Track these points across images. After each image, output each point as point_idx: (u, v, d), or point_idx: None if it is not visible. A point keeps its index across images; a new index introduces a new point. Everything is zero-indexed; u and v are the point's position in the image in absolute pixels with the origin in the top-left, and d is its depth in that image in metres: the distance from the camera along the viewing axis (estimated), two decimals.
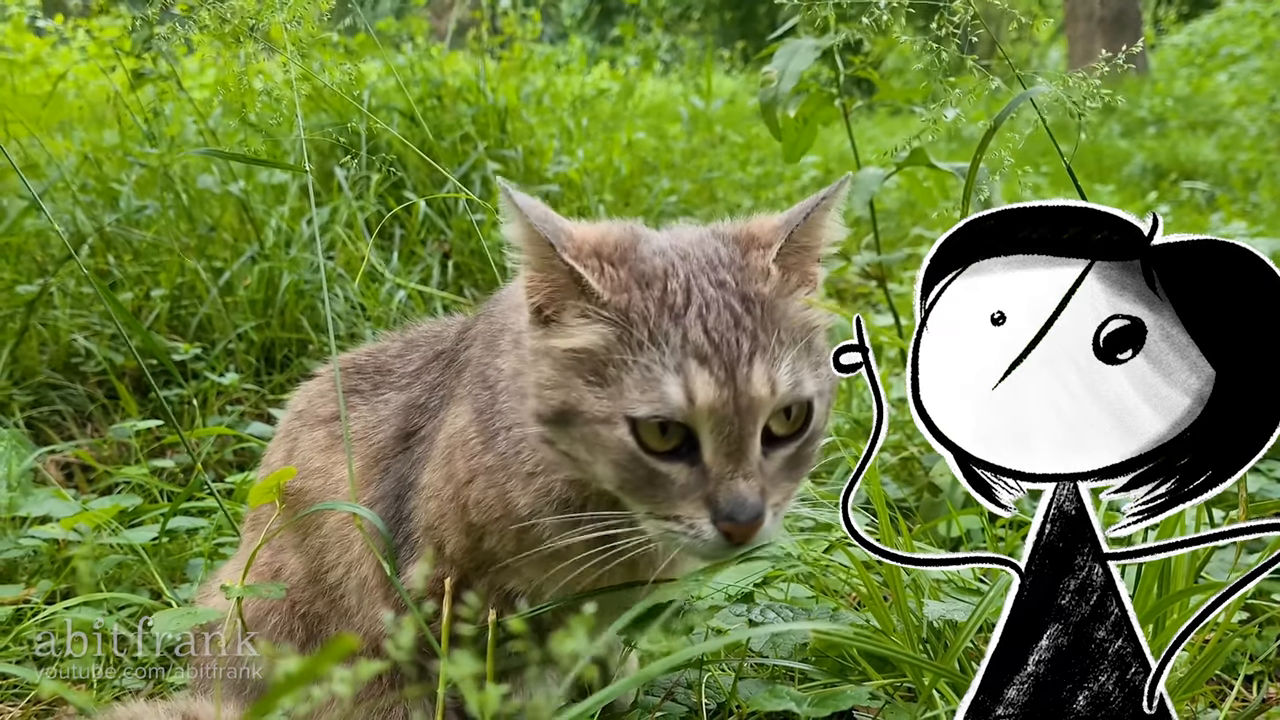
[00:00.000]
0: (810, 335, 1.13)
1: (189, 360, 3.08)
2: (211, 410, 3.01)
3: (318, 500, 1.40)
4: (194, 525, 2.22)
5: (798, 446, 1.11)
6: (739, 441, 1.07)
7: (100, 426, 3.05)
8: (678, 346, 1.06)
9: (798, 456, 1.12)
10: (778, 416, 1.09)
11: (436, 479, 1.30)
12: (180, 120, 4.52)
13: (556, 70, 7.49)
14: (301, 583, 1.42)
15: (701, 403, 1.05)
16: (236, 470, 2.72)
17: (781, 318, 1.11)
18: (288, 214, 3.73)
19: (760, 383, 1.06)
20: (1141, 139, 9.49)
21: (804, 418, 1.11)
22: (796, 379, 1.08)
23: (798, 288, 1.14)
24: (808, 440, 1.12)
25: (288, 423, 1.54)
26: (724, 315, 1.08)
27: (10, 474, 2.22)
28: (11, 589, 2.00)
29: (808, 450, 1.13)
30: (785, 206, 4.25)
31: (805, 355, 1.11)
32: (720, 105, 7.72)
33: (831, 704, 1.13)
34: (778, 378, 1.07)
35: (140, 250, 3.51)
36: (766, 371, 1.07)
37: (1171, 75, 12.79)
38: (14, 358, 3.05)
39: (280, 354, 3.36)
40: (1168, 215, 5.75)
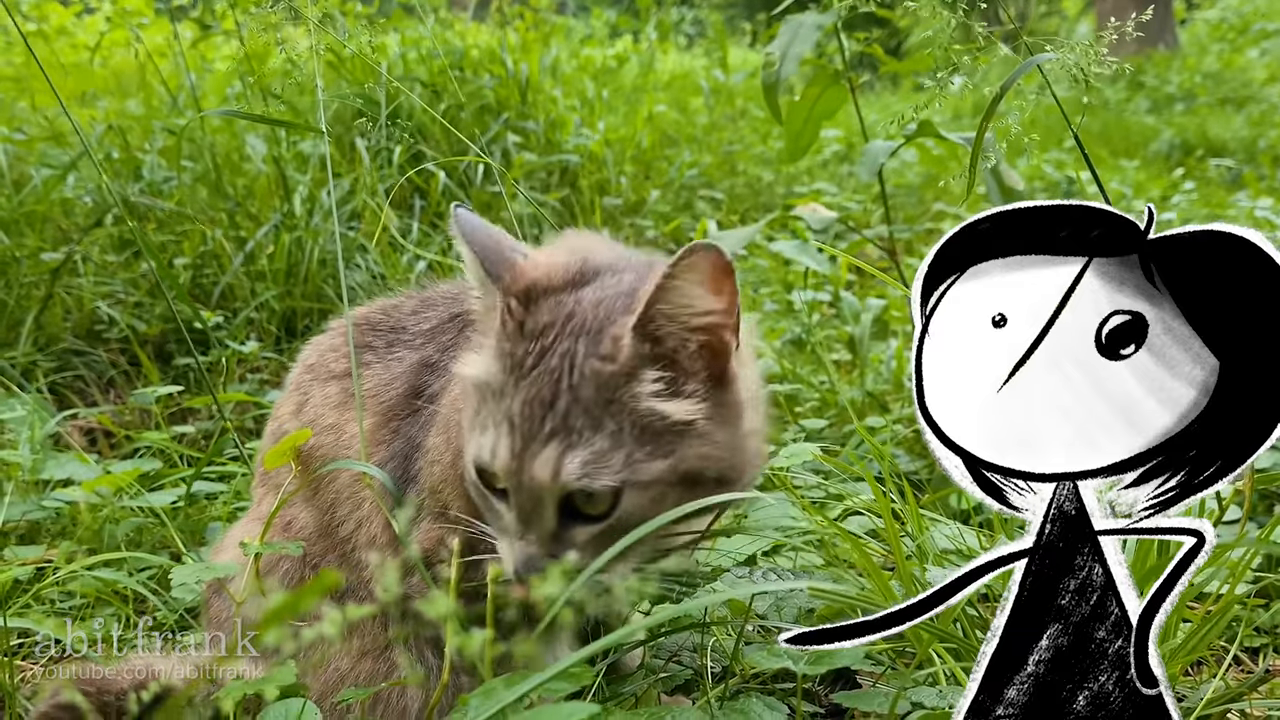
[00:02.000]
0: (664, 422, 1.11)
1: (210, 328, 3.11)
2: (231, 378, 3.04)
3: (329, 457, 1.42)
4: (213, 490, 2.25)
5: (604, 528, 1.11)
6: (531, 510, 1.11)
7: (122, 392, 3.08)
8: (508, 406, 1.11)
9: (614, 535, 1.09)
10: (581, 497, 1.10)
11: (439, 443, 1.32)
12: (205, 91, 4.55)
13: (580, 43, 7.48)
14: (313, 536, 1.44)
15: (498, 467, 1.11)
16: (255, 437, 2.75)
17: (614, 404, 1.10)
18: (310, 183, 3.75)
19: (542, 466, 1.09)
20: (1169, 115, 9.39)
21: (609, 504, 1.10)
22: (591, 469, 1.08)
23: (673, 371, 1.12)
24: (616, 527, 1.10)
25: (298, 376, 1.55)
26: (549, 387, 1.10)
27: (33, 438, 2.26)
28: (34, 549, 2.03)
29: (618, 534, 1.08)
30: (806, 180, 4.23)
31: (631, 443, 1.10)
32: (742, 78, 7.69)
33: (827, 661, 1.14)
34: (564, 465, 1.08)
35: (163, 219, 3.54)
36: (555, 457, 1.08)
37: (1202, 51, 12.63)
38: (38, 324, 3.09)
39: (301, 323, 3.39)
40: (1193, 192, 5.70)
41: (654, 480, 1.10)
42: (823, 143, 6.37)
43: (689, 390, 1.13)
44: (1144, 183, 6.05)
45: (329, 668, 1.36)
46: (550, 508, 1.11)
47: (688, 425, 1.11)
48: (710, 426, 1.13)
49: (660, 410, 1.10)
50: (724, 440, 1.14)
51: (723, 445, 1.14)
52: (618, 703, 1.29)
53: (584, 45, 7.65)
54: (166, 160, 3.81)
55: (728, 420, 1.15)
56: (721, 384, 1.15)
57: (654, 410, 1.10)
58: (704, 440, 1.13)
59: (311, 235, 3.48)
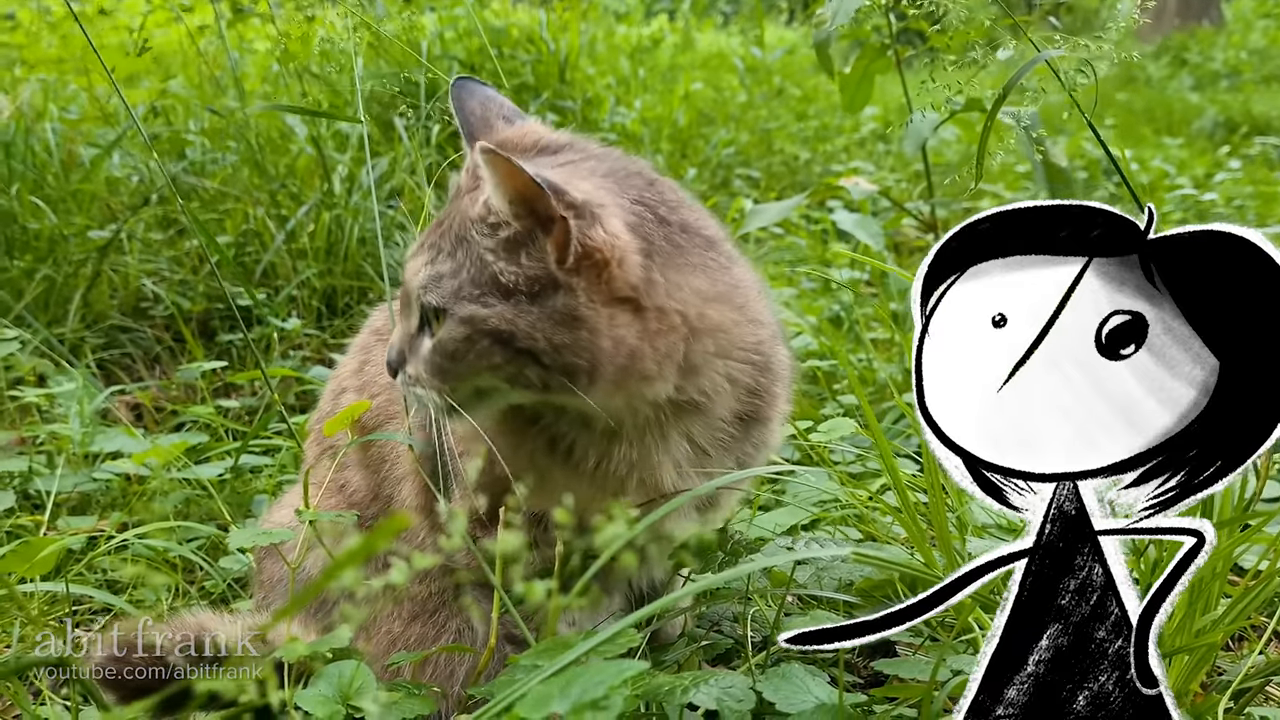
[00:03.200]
0: (490, 274, 1.19)
1: (252, 306, 3.15)
2: (274, 354, 3.08)
3: (382, 416, 1.47)
4: (258, 463, 2.29)
5: (435, 344, 1.22)
6: (406, 307, 1.27)
7: (167, 369, 3.13)
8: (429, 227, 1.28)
9: (434, 359, 1.22)
10: (428, 310, 1.23)
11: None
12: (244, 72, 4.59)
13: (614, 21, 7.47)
14: (365, 499, 1.47)
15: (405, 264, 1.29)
16: (298, 413, 2.79)
17: (465, 243, 1.22)
18: (350, 162, 3.78)
19: (412, 271, 1.25)
20: (1214, 92, 9.25)
21: (438, 327, 1.22)
22: (431, 285, 1.22)
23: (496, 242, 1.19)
24: (436, 349, 1.22)
25: (363, 338, 1.63)
26: (445, 221, 1.25)
27: (82, 412, 2.30)
28: (86, 520, 2.08)
29: (439, 359, 1.22)
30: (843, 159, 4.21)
31: (466, 280, 1.20)
32: (779, 56, 7.65)
33: None
34: (420, 274, 1.23)
35: (206, 198, 3.58)
36: (419, 266, 1.24)
37: (1247, 27, 12.41)
38: (86, 302, 3.14)
39: (341, 301, 3.43)
40: (1237, 171, 5.62)
41: (468, 318, 1.19)
42: (860, 121, 6.33)
43: (515, 258, 1.18)
44: (1187, 161, 5.97)
45: (380, 630, 1.39)
46: (415, 309, 1.26)
47: (510, 286, 1.18)
48: (531, 309, 1.18)
49: (489, 261, 1.19)
50: (545, 329, 1.17)
51: (543, 332, 1.17)
52: (662, 670, 1.31)
53: (620, 23, 7.64)
54: (210, 140, 3.86)
55: (553, 315, 1.17)
56: (554, 285, 1.17)
57: (485, 259, 1.19)
58: (520, 313, 1.17)
59: (351, 213, 3.51)
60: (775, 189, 4.99)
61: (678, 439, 1.28)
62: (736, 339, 1.27)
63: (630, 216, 1.21)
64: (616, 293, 1.17)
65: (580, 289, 1.16)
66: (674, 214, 1.26)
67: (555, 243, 1.15)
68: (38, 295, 3.06)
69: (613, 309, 1.17)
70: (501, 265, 1.18)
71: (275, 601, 1.49)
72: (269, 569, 1.51)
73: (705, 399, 1.27)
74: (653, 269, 1.19)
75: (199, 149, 3.73)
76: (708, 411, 1.28)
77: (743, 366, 1.29)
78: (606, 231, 1.16)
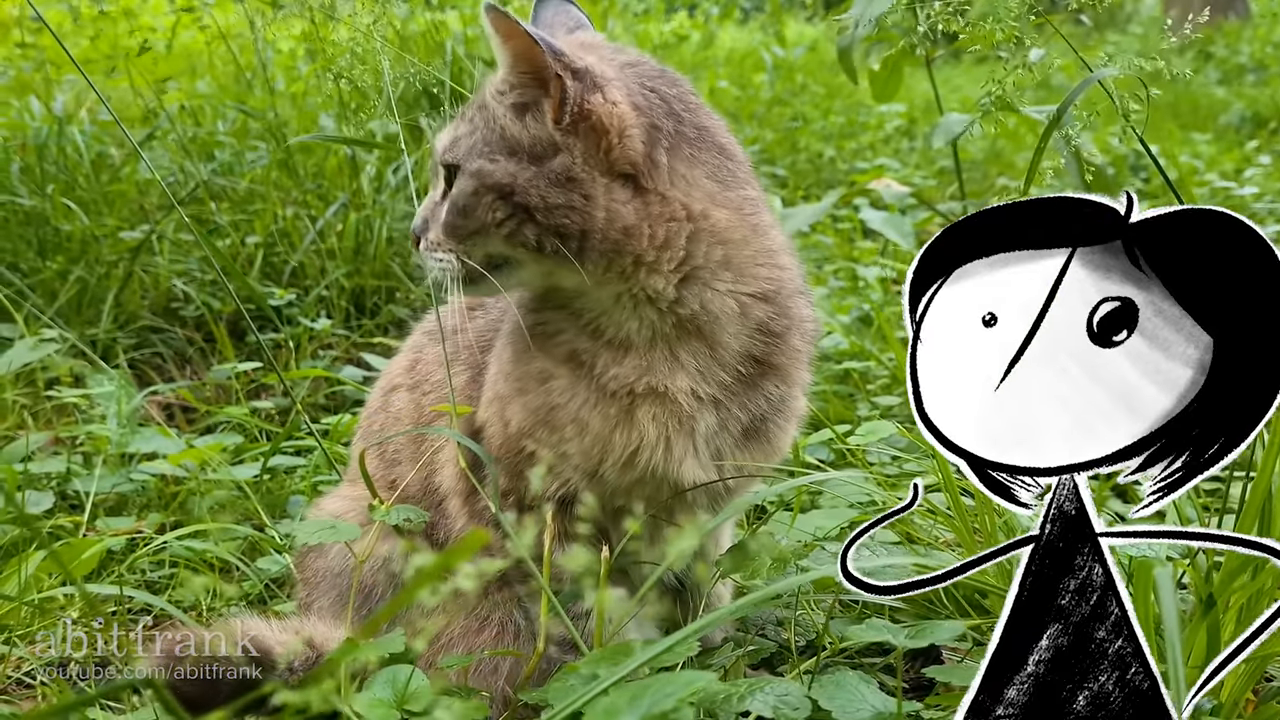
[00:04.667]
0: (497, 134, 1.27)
1: (283, 306, 3.16)
2: (304, 354, 3.09)
3: (434, 413, 1.49)
4: (293, 464, 2.30)
5: (449, 202, 1.29)
6: (434, 179, 1.35)
7: (199, 369, 3.15)
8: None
9: (448, 218, 1.29)
10: (450, 171, 1.31)
11: (488, 377, 1.44)
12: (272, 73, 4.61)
13: (634, 19, 7.46)
14: (417, 494, 1.49)
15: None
16: (330, 413, 2.80)
17: (482, 108, 1.30)
18: (378, 161, 3.79)
19: (440, 136, 1.34)
20: (1240, 86, 9.17)
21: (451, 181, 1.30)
22: (449, 145, 1.31)
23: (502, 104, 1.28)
24: (449, 206, 1.29)
25: (416, 338, 1.66)
26: (477, 94, 1.33)
27: (120, 413, 2.32)
28: (124, 521, 2.09)
29: (452, 217, 1.28)
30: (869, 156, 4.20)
31: (479, 145, 1.28)
32: (802, 53, 7.63)
33: (928, 635, 1.15)
34: (441, 138, 1.34)
35: (236, 199, 3.60)
36: (443, 132, 1.34)
37: (1274, 19, 12.29)
38: (117, 302, 3.16)
39: (370, 301, 3.44)
40: (1268, 165, 5.57)
41: (475, 172, 1.26)
42: (884, 118, 6.30)
43: (520, 118, 1.26)
44: (1216, 156, 5.92)
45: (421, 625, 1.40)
46: (441, 177, 1.33)
47: (514, 144, 1.26)
48: (532, 167, 1.25)
49: (500, 121, 1.27)
50: (541, 187, 1.24)
51: (538, 191, 1.24)
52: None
53: (640, 21, 7.63)
54: (237, 140, 3.87)
55: (549, 175, 1.24)
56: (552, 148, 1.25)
57: (497, 120, 1.28)
58: (520, 170, 1.25)
59: (379, 213, 3.52)
60: (801, 187, 4.98)
61: (687, 357, 1.30)
62: (745, 256, 1.31)
63: (638, 97, 1.27)
64: (616, 166, 1.24)
65: (577, 152, 1.24)
66: (690, 114, 1.32)
67: (553, 102, 1.23)
68: (71, 297, 3.08)
69: (611, 181, 1.24)
70: (509, 125, 1.27)
71: (318, 599, 1.49)
72: (312, 565, 1.52)
73: (710, 319, 1.29)
74: (658, 151, 1.26)
75: (229, 150, 3.74)
76: (714, 338, 1.30)
77: (752, 297, 1.31)
78: (606, 99, 1.23)
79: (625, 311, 1.29)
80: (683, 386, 1.29)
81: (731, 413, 1.32)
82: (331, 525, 1.31)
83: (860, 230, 3.93)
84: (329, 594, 1.47)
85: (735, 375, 1.32)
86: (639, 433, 1.29)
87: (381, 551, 1.43)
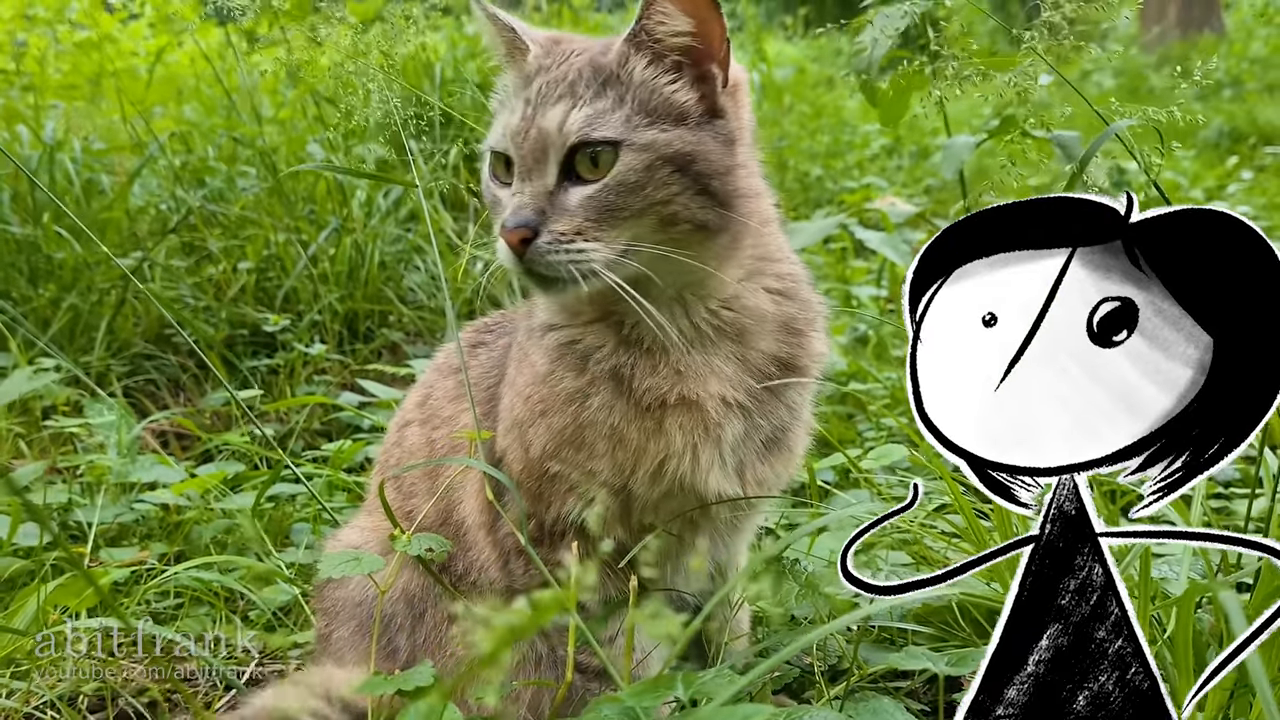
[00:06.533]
0: (657, 102, 1.23)
1: (276, 331, 3.15)
2: (299, 380, 3.08)
3: (448, 448, 1.49)
4: (294, 491, 2.29)
5: (597, 190, 1.20)
6: (532, 168, 1.23)
7: (192, 395, 3.13)
8: (525, 94, 1.26)
9: (601, 202, 1.20)
10: (584, 160, 1.21)
11: (503, 406, 1.42)
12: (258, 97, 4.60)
13: None
14: (433, 524, 1.49)
15: (509, 133, 1.25)
16: (326, 438, 2.78)
17: (615, 83, 1.24)
18: (368, 185, 3.79)
19: (551, 119, 1.22)
20: (1217, 102, 9.26)
21: (610, 165, 1.20)
22: (592, 124, 1.21)
23: (662, 73, 1.24)
24: (610, 187, 1.20)
25: (427, 375, 1.66)
26: (565, 75, 1.25)
27: (121, 443, 2.30)
28: (127, 551, 2.08)
29: (611, 198, 1.20)
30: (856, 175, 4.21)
31: (635, 116, 1.22)
32: (789, 74, 7.67)
33: (968, 662, 1.15)
34: (570, 117, 1.21)
35: (227, 224, 3.58)
36: (563, 112, 1.22)
37: (1249, 36, 12.42)
38: (110, 329, 3.14)
39: (363, 325, 3.43)
40: (1249, 181, 5.62)
41: (649, 144, 1.20)
42: (870, 137, 6.34)
43: (682, 85, 1.25)
44: (1199, 172, 5.97)
45: (445, 653, 1.39)
46: (553, 163, 1.22)
47: (683, 111, 1.24)
48: (703, 132, 1.24)
49: (655, 85, 1.24)
50: (716, 150, 1.24)
51: (715, 154, 1.24)
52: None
53: None
54: (227, 165, 3.86)
55: (718, 138, 1.25)
56: (714, 111, 1.26)
57: (649, 84, 1.24)
58: (697, 137, 1.23)
59: (370, 237, 3.51)
60: (790, 206, 5.00)
61: (720, 363, 1.31)
62: (774, 247, 1.35)
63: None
64: (748, 129, 1.30)
65: (731, 115, 1.27)
66: None
67: (721, 63, 1.25)
68: (64, 325, 3.06)
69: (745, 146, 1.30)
70: (675, 89, 1.24)
71: (338, 628, 1.48)
72: (331, 595, 1.51)
73: (750, 318, 1.32)
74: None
75: (221, 177, 3.73)
76: (748, 340, 1.32)
77: (779, 293, 1.35)
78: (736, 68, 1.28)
79: (674, 313, 1.29)
80: (714, 392, 1.29)
81: (755, 422, 1.33)
82: (355, 557, 1.30)
83: (853, 249, 3.95)
84: (349, 624, 1.46)
85: (761, 380, 1.32)
86: (666, 441, 1.29)
87: (401, 583, 1.43)
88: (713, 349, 1.31)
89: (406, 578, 1.44)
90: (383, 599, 1.36)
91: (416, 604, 1.43)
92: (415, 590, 1.44)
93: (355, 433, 2.67)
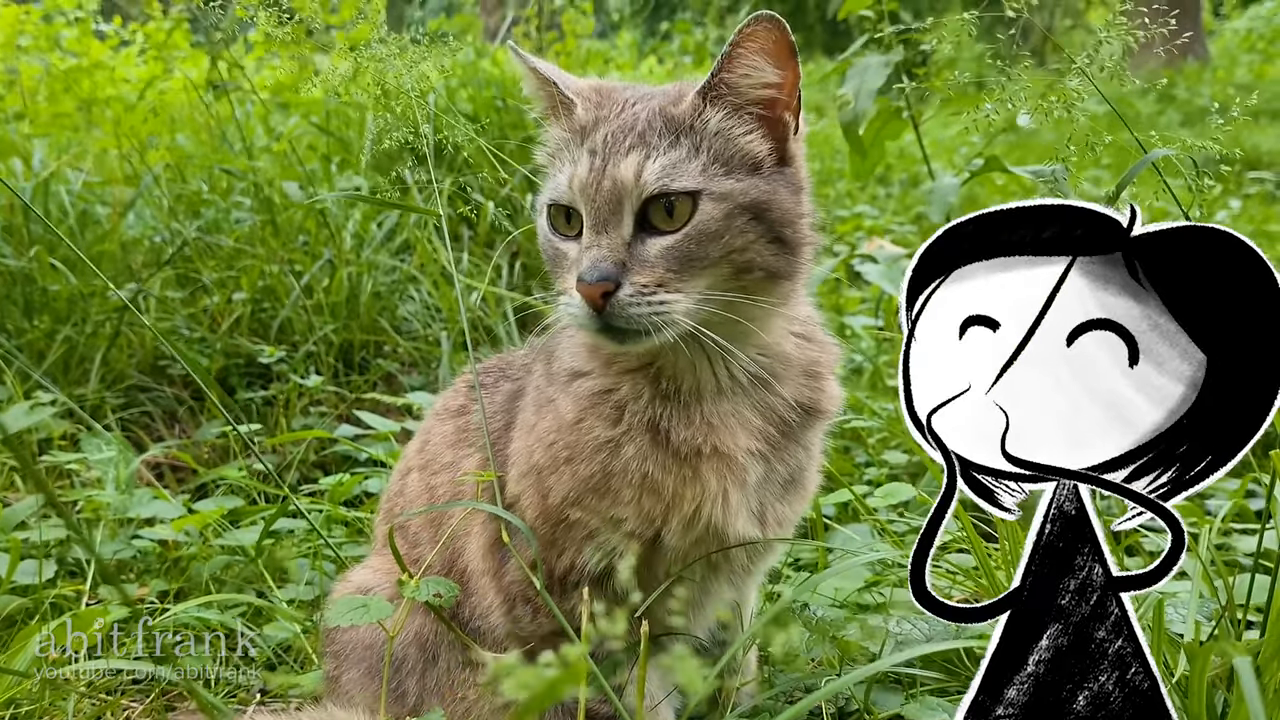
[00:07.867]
0: (733, 152, 1.23)
1: (272, 363, 3.14)
2: (294, 411, 3.07)
3: (448, 494, 1.48)
4: (294, 526, 2.28)
5: (677, 240, 1.19)
6: (606, 220, 1.20)
7: (187, 427, 3.12)
8: (589, 144, 1.25)
9: (682, 252, 1.19)
10: (658, 210, 1.20)
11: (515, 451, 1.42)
12: (250, 126, 4.61)
13: (605, 65, 7.50)
14: (439, 573, 1.48)
15: (576, 183, 1.22)
16: (324, 471, 2.77)
17: (689, 133, 1.23)
18: (361, 217, 3.79)
19: (626, 169, 1.20)
20: (1202, 128, 9.33)
21: (687, 215, 1.19)
22: (670, 174, 1.19)
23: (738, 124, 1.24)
24: (690, 237, 1.19)
25: (427, 420, 1.66)
26: (632, 124, 1.24)
27: (119, 478, 2.29)
28: (127, 588, 2.06)
29: (692, 248, 1.19)
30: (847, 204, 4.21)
31: (711, 165, 1.21)
32: None
33: None
34: (646, 168, 1.20)
35: (222, 255, 3.58)
36: (637, 162, 1.20)
37: (1233, 62, 12.56)
38: (105, 361, 3.13)
39: (358, 356, 3.42)
40: (1236, 209, 5.67)
41: (728, 194, 1.20)
42: None
43: (758, 135, 1.25)
44: (1187, 198, 6.00)
45: (456, 696, 1.39)
46: (628, 214, 1.21)
47: (757, 161, 1.24)
48: (776, 180, 1.24)
49: (732, 135, 1.23)
50: (787, 199, 1.24)
51: (787, 201, 1.24)
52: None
53: (612, 69, 7.68)
54: (221, 198, 3.86)
55: (789, 186, 1.26)
56: (783, 159, 1.27)
57: (725, 134, 1.23)
58: (771, 186, 1.23)
59: (363, 268, 3.52)
60: None
61: (749, 414, 1.31)
62: (795, 291, 1.34)
63: None
64: (808, 184, 1.32)
65: (799, 163, 1.28)
66: None
67: (794, 111, 1.26)
68: (58, 357, 3.05)
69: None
70: (750, 139, 1.24)
71: (347, 670, 1.48)
72: (341, 638, 1.51)
73: (778, 365, 1.32)
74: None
75: (215, 209, 3.73)
76: (774, 387, 1.32)
77: (800, 336, 1.36)
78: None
79: (716, 362, 1.29)
80: (742, 445, 1.30)
81: (774, 467, 1.33)
82: (364, 604, 1.30)
83: (846, 279, 3.96)
84: (359, 666, 1.46)
85: (782, 429, 1.33)
86: (702, 486, 1.29)
87: (414, 627, 1.42)
88: (741, 398, 1.31)
89: (420, 621, 1.43)
90: (393, 642, 1.36)
91: (429, 647, 1.42)
92: (428, 634, 1.43)
93: (353, 465, 2.66)
